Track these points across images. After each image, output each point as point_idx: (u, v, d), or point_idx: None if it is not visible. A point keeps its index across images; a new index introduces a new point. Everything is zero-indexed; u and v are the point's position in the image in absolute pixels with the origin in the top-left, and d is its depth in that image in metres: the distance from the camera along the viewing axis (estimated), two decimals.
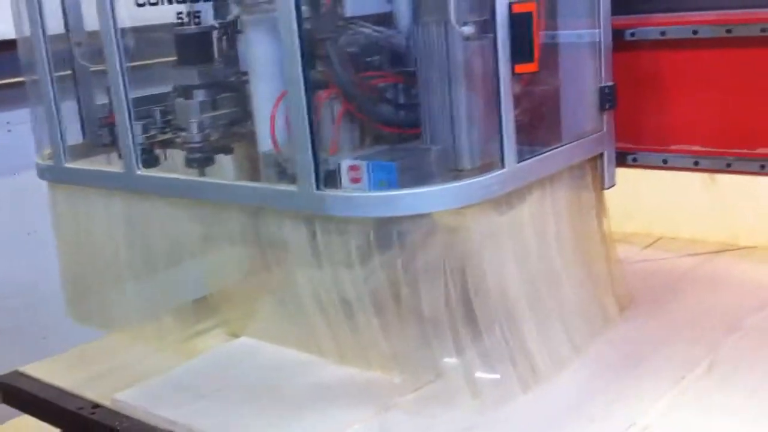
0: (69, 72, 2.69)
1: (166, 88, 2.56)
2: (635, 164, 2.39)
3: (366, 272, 1.98)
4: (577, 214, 2.26)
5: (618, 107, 2.29)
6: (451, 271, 1.95)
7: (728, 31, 2.14)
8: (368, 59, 2.14)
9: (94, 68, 2.68)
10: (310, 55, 2.04)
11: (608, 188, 2.33)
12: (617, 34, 2.27)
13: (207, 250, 2.34)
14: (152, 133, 2.52)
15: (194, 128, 2.42)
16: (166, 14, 2.60)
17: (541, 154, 2.09)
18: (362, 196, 1.93)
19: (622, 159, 2.39)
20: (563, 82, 2.25)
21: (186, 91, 2.50)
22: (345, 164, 2.05)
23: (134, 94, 2.50)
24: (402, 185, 1.97)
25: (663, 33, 2.24)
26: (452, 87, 2.04)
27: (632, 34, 2.29)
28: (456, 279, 1.96)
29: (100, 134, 2.60)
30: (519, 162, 2.00)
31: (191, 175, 2.35)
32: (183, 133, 2.44)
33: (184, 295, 2.42)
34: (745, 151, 2.19)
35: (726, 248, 2.75)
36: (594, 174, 2.31)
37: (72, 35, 2.70)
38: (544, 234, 2.15)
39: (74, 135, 2.65)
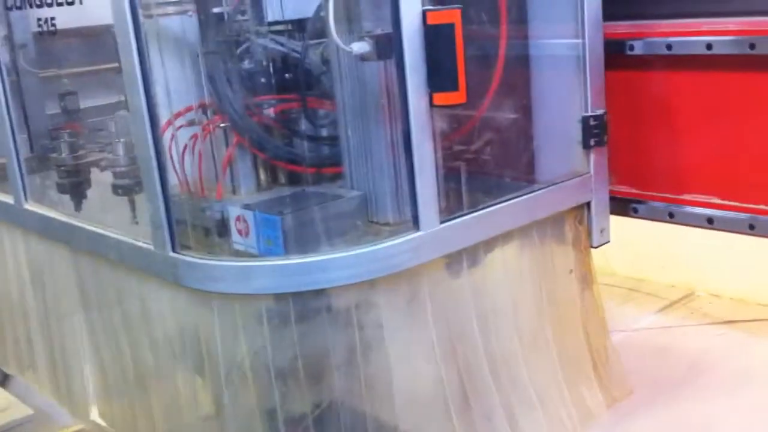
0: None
1: None
2: (637, 215, 1.82)
3: (229, 365, 1.51)
4: (550, 281, 1.73)
5: (619, 142, 1.75)
6: (337, 367, 1.48)
7: (752, 46, 1.56)
8: (268, 80, 1.66)
9: (43, 74, 2.36)
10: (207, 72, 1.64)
11: (598, 247, 1.80)
12: (613, 46, 1.72)
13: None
14: (81, 152, 2.16)
15: (120, 148, 2.01)
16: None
17: (486, 208, 1.58)
18: (219, 265, 1.47)
19: (623, 207, 1.84)
20: (532, 111, 1.73)
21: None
22: (231, 213, 1.60)
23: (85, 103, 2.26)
24: (289, 247, 1.51)
25: (669, 47, 1.67)
26: (366, 120, 1.56)
27: (631, 48, 1.72)
28: (343, 378, 1.48)
29: (50, 147, 2.23)
30: (445, 222, 1.50)
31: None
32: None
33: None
34: None
35: None
36: (577, 229, 1.78)
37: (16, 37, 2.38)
38: (495, 310, 1.64)
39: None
